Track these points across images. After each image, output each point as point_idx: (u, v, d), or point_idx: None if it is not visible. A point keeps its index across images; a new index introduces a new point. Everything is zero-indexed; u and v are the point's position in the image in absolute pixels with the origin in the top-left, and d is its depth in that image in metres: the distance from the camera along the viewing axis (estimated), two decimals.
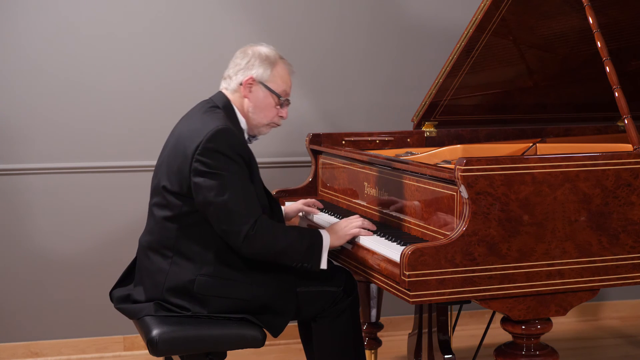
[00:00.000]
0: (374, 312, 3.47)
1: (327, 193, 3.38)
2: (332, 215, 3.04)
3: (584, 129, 3.67)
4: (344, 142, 3.40)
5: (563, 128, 3.64)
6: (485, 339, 3.22)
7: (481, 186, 2.26)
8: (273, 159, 4.05)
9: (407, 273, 2.19)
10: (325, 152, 3.37)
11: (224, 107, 2.71)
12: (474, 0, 3.29)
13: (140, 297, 2.65)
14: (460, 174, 2.25)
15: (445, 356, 3.02)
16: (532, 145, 3.30)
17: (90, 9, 3.81)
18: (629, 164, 2.42)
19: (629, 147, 2.53)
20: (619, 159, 2.41)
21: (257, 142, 3.72)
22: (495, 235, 2.27)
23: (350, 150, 3.23)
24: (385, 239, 2.57)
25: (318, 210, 3.13)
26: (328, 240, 2.60)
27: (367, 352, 3.43)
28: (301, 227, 2.91)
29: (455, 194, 2.36)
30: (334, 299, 2.72)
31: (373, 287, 3.43)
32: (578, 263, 2.36)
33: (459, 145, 3.28)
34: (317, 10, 4.06)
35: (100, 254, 3.90)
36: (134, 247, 2.77)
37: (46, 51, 3.79)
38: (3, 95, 3.77)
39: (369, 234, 2.64)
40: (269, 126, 2.79)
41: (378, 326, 3.49)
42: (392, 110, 4.14)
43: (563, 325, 4.39)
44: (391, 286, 2.32)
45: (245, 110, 2.74)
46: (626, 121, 2.53)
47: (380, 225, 2.75)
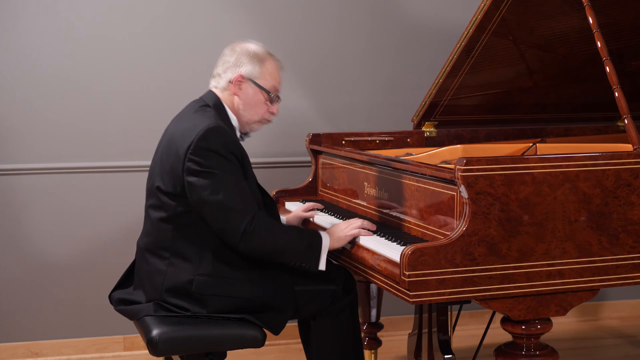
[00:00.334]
0: (374, 312, 3.47)
1: (327, 193, 3.37)
2: (332, 216, 3.04)
3: (584, 129, 3.67)
4: (344, 142, 3.40)
5: (563, 128, 3.64)
6: (485, 339, 3.21)
7: (481, 186, 2.26)
8: (273, 159, 4.05)
9: (407, 273, 2.19)
10: (325, 152, 3.37)
11: (214, 106, 2.71)
12: (474, 0, 3.29)
13: (140, 300, 2.65)
14: (460, 174, 2.25)
15: (445, 356, 3.02)
16: (532, 145, 3.30)
17: (90, 9, 3.81)
18: (629, 164, 2.42)
19: (629, 147, 2.53)
20: (619, 159, 2.41)
21: (257, 143, 3.73)
22: (495, 235, 2.27)
23: (350, 150, 3.23)
24: (385, 239, 2.57)
25: (318, 211, 3.12)
26: (327, 241, 2.60)
27: (367, 352, 3.44)
28: (300, 227, 2.91)
29: (455, 194, 2.36)
30: (333, 297, 2.72)
31: (373, 287, 3.43)
32: (578, 263, 2.36)
33: (459, 145, 3.28)
34: (317, 10, 4.06)
35: (100, 254, 3.90)
36: (133, 247, 2.77)
37: (45, 51, 3.78)
38: (1, 95, 3.77)
39: (369, 234, 2.64)
40: (260, 123, 2.78)
41: (378, 326, 3.49)
42: (392, 110, 4.14)
43: (563, 325, 4.39)
44: (391, 286, 2.31)
45: (235, 108, 2.74)
46: (626, 121, 2.53)
47: (380, 225, 2.75)
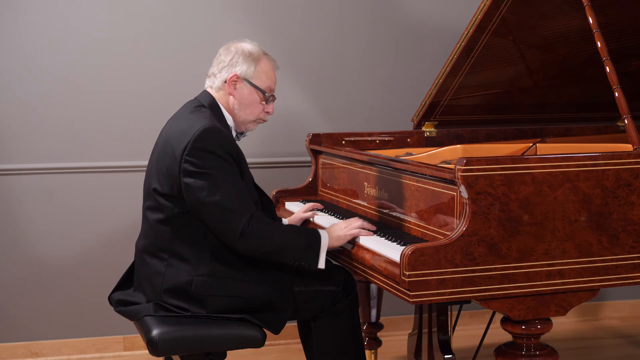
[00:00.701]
0: (374, 312, 3.47)
1: (327, 193, 3.37)
2: (332, 216, 3.04)
3: (584, 129, 3.66)
4: (344, 142, 3.40)
5: (563, 128, 3.63)
6: (485, 339, 3.21)
7: (481, 186, 2.25)
8: (273, 159, 4.05)
9: (407, 273, 2.19)
10: (325, 152, 3.37)
11: (209, 106, 2.70)
12: (474, 0, 3.29)
13: (140, 301, 2.65)
14: (460, 174, 2.25)
15: (445, 356, 3.02)
16: (532, 145, 3.30)
17: (90, 10, 3.81)
18: (629, 164, 2.41)
19: (629, 147, 2.53)
20: (619, 159, 2.41)
21: (257, 142, 3.73)
22: (495, 235, 2.26)
23: (350, 150, 3.23)
24: (385, 239, 2.57)
25: (318, 211, 3.12)
26: (327, 240, 2.60)
27: (367, 352, 3.43)
28: (299, 226, 2.91)
29: (455, 194, 2.36)
30: (333, 298, 2.71)
31: (373, 287, 3.43)
32: (578, 263, 2.36)
33: (459, 145, 3.28)
34: (317, 10, 4.06)
35: (100, 254, 3.90)
36: (133, 247, 2.77)
37: (45, 51, 3.78)
38: (1, 95, 3.76)
39: (369, 234, 2.64)
40: (255, 122, 2.78)
41: (378, 326, 3.49)
42: (392, 110, 4.14)
43: (563, 325, 4.39)
44: (391, 286, 2.31)
45: (231, 108, 2.74)
46: (626, 121, 2.53)
47: (380, 226, 2.75)
